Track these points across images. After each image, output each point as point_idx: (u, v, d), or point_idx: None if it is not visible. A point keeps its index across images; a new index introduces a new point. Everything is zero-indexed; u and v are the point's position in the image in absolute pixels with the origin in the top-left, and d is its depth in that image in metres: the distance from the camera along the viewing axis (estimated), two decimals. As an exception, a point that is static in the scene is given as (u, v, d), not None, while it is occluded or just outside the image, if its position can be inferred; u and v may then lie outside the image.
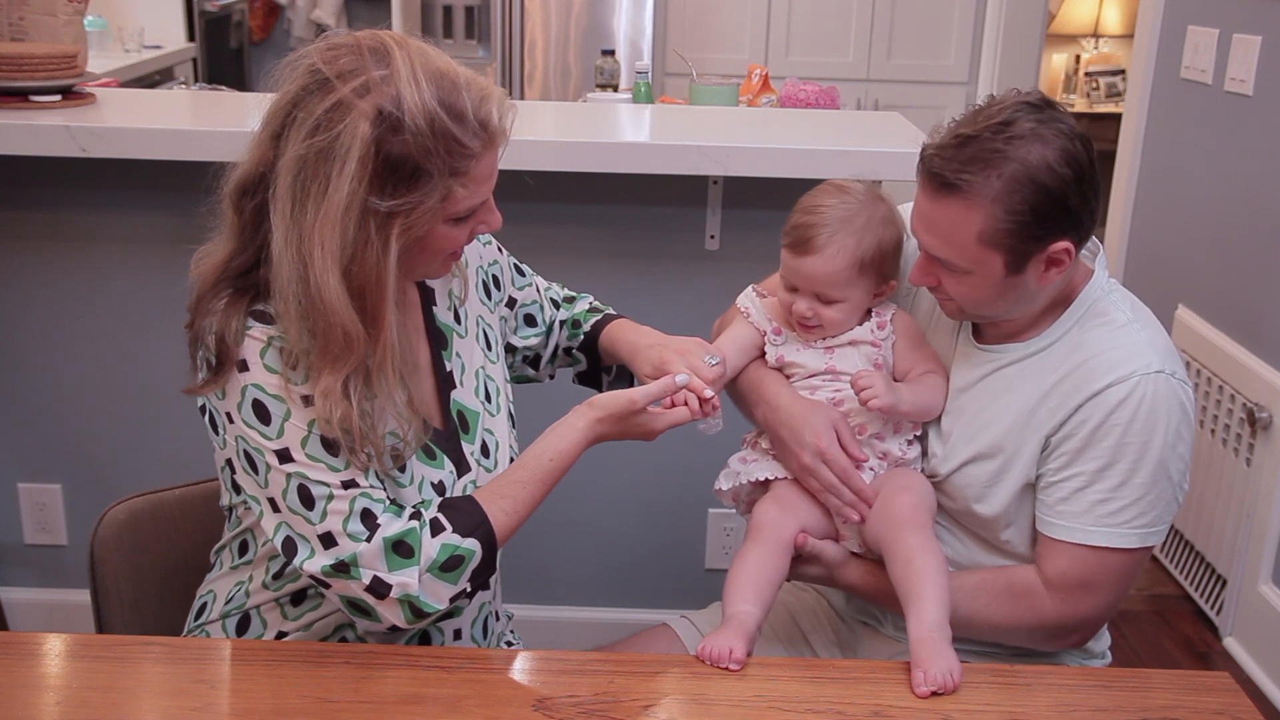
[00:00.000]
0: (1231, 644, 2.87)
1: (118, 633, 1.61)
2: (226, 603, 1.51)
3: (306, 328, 1.31)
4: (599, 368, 1.77)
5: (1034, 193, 1.40)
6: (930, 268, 1.50)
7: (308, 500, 1.34)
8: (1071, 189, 1.42)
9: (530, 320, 1.73)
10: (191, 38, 5.15)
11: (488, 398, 1.57)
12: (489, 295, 1.65)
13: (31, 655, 1.39)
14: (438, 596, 1.37)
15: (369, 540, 1.34)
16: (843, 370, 1.60)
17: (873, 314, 1.61)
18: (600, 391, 1.78)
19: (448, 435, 1.51)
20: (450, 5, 5.03)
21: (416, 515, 1.38)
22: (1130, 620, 2.97)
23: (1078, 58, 6.16)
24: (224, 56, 5.55)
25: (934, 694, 1.34)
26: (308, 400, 1.33)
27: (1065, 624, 1.52)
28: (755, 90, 3.42)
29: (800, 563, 1.59)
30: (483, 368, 1.58)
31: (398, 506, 1.38)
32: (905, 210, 1.65)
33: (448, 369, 1.53)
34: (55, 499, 2.66)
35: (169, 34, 5.00)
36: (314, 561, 1.35)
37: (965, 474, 1.57)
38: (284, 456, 1.34)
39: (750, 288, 1.70)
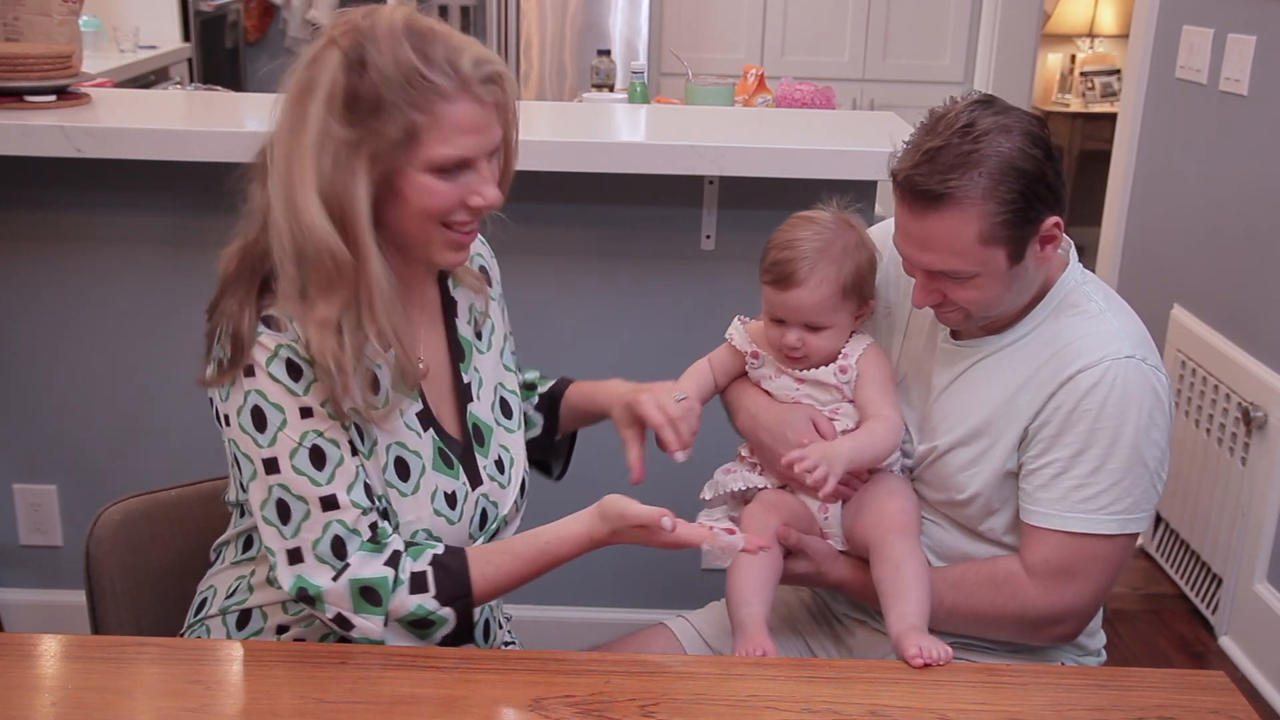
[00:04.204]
0: (1227, 643, 2.87)
1: (113, 633, 1.61)
2: (227, 597, 1.51)
3: (299, 259, 1.33)
4: (554, 430, 1.75)
5: (1018, 179, 1.44)
6: (933, 284, 1.51)
7: (284, 514, 1.36)
8: (1047, 167, 1.46)
9: None
10: (187, 38, 5.14)
11: (507, 414, 1.58)
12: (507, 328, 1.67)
13: (27, 656, 1.38)
14: (402, 642, 1.39)
15: (336, 579, 1.36)
16: (811, 399, 1.64)
17: (839, 355, 1.63)
18: (548, 467, 1.78)
19: (464, 446, 1.51)
20: (446, 5, 5.03)
21: (394, 561, 1.38)
22: (1126, 619, 2.98)
23: (1073, 57, 6.17)
24: (219, 56, 5.53)
25: (927, 665, 1.38)
26: (306, 412, 1.35)
27: (1050, 613, 1.53)
28: (751, 90, 3.42)
29: (787, 559, 1.61)
30: (502, 383, 1.59)
31: (375, 544, 1.38)
32: (872, 232, 1.69)
33: (465, 381, 1.54)
34: (50, 500, 2.66)
35: (164, 34, 4.99)
36: (282, 576, 1.37)
37: (945, 463, 1.59)
38: (271, 466, 1.36)
39: (736, 318, 1.74)
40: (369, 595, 1.36)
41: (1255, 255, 2.85)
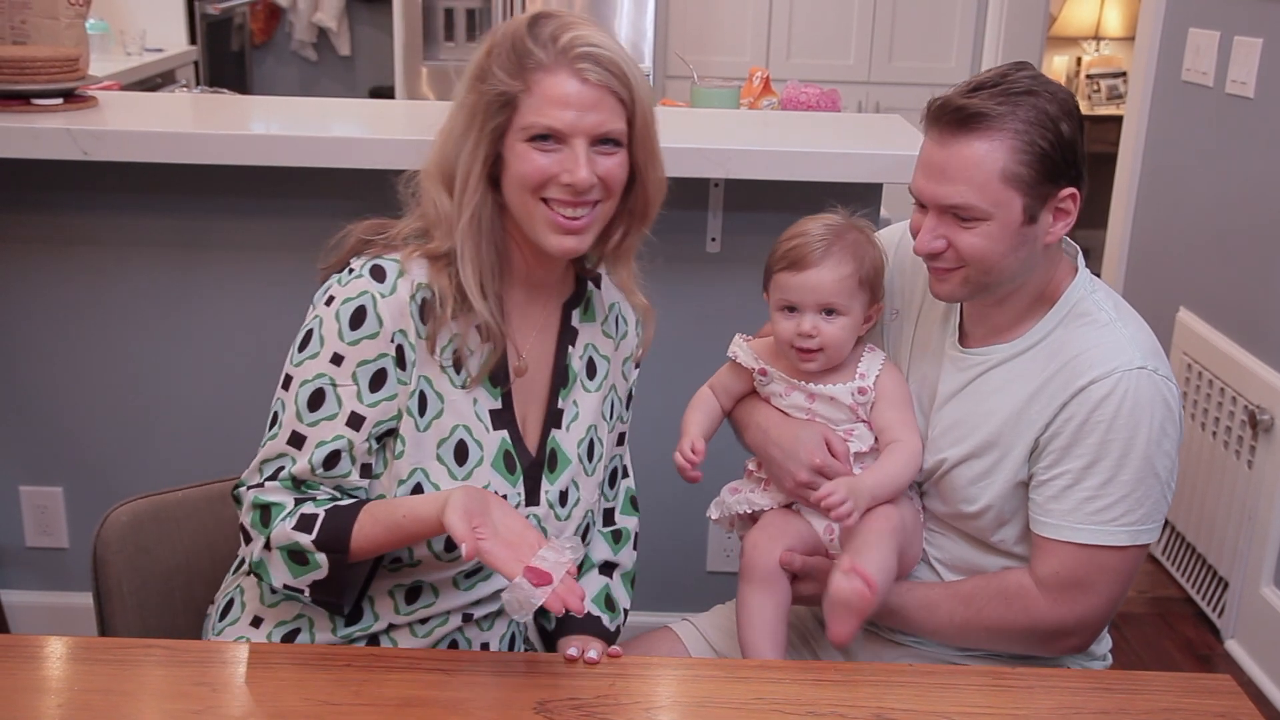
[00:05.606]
0: (1233, 646, 2.87)
1: (120, 635, 1.61)
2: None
3: (446, 188, 1.45)
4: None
5: (1053, 132, 1.45)
6: (941, 227, 1.48)
7: (271, 424, 1.45)
8: (1079, 139, 1.47)
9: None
10: (193, 41, 5.15)
11: (590, 456, 1.58)
12: (622, 392, 1.65)
13: (33, 658, 1.39)
14: (276, 575, 1.42)
15: (248, 490, 1.44)
16: (823, 417, 1.63)
17: (856, 375, 1.62)
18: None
19: (534, 463, 1.52)
20: (451, 8, 5.03)
21: (300, 502, 1.42)
22: (1131, 622, 2.97)
23: (1079, 60, 6.16)
24: (225, 59, 5.54)
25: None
26: (337, 359, 1.41)
27: (1061, 626, 1.52)
28: (756, 93, 3.42)
29: (795, 582, 1.60)
30: (595, 427, 1.59)
31: (294, 480, 1.42)
32: (878, 237, 1.68)
33: (559, 406, 1.55)
34: (57, 501, 2.66)
35: (171, 37, 5.00)
36: None
37: (956, 475, 1.57)
38: (286, 382, 1.45)
39: (738, 336, 1.73)
40: (264, 514, 1.42)
41: (1261, 258, 2.84)
